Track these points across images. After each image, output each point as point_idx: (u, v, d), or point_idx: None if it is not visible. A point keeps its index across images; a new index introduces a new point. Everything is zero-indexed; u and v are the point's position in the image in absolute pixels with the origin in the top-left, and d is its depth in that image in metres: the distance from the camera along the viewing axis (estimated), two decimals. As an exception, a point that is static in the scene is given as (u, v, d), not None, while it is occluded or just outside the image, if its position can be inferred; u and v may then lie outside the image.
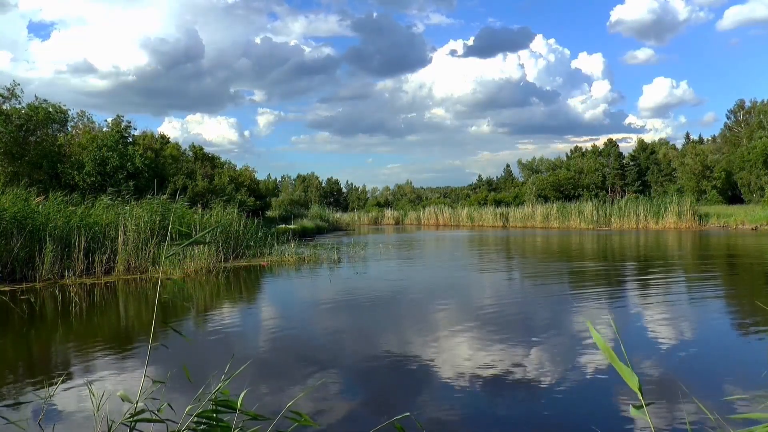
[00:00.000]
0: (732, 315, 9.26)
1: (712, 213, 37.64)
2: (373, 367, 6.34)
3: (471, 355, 6.58)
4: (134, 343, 7.82)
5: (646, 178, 65.83)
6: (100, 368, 6.31)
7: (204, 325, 8.92)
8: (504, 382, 5.61)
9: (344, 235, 37.52)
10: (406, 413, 2.18)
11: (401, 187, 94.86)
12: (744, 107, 57.24)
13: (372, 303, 10.65)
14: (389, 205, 79.04)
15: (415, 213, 60.94)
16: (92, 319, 9.63)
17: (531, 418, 4.78)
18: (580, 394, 5.31)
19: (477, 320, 8.67)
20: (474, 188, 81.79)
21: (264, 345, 7.57)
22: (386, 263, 18.26)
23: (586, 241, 27.81)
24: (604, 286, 12.35)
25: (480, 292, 12.05)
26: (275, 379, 5.78)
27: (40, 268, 13.23)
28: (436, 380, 5.75)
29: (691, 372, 5.93)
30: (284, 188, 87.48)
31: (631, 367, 1.41)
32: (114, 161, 23.75)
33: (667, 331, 7.71)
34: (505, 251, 23.16)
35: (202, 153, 38.80)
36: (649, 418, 1.42)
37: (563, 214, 42.72)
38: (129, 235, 15.00)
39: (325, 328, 8.63)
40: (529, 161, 78.48)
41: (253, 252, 19.02)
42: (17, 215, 13.59)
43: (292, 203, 69.08)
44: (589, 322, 1.61)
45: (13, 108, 22.45)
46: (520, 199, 61.00)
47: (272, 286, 14.23)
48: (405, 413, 2.20)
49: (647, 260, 17.66)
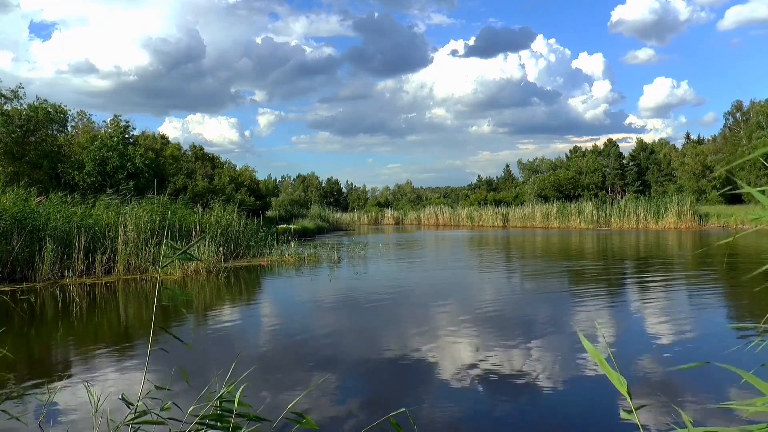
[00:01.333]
0: (732, 314, 9.26)
1: (712, 213, 37.61)
2: (373, 366, 6.34)
3: (471, 355, 6.59)
4: (134, 344, 7.83)
5: (646, 178, 65.83)
6: (101, 368, 6.32)
7: (205, 325, 8.92)
8: (503, 382, 5.62)
9: (344, 235, 37.51)
10: (402, 409, 2.18)
11: (401, 187, 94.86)
12: (742, 108, 57.18)
13: (372, 303, 10.65)
14: (389, 205, 78.97)
15: (415, 213, 60.90)
16: (92, 319, 9.63)
17: (530, 418, 4.78)
18: (579, 393, 5.32)
19: (477, 320, 8.67)
20: (474, 188, 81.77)
21: (265, 345, 7.57)
22: (386, 263, 18.26)
23: (586, 241, 27.80)
24: (604, 286, 12.35)
25: (480, 292, 12.05)
26: (277, 379, 5.78)
27: (40, 268, 13.24)
28: (436, 379, 5.75)
29: (690, 372, 5.92)
30: (284, 188, 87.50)
31: (619, 371, 1.43)
32: (114, 161, 23.76)
33: (667, 330, 7.71)
34: (504, 251, 23.15)
35: (202, 153, 38.82)
36: (638, 422, 1.44)
37: (563, 214, 42.72)
38: (129, 235, 15.01)
39: (325, 328, 8.64)
40: (529, 161, 78.51)
41: (253, 252, 19.03)
42: (18, 215, 13.61)
43: (292, 203, 69.09)
44: (581, 333, 1.62)
45: (14, 108, 22.49)
46: (520, 199, 60.99)
47: (273, 286, 14.23)
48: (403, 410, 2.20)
49: (647, 260, 17.66)
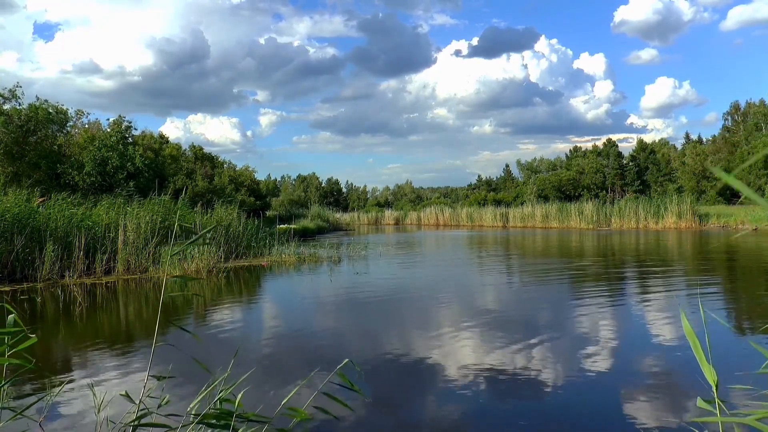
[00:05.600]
0: (733, 313, 9.26)
1: (712, 213, 37.61)
2: (374, 366, 6.34)
3: (472, 354, 6.59)
4: (135, 343, 7.82)
5: (646, 178, 65.83)
6: (101, 368, 6.31)
7: (205, 325, 8.91)
8: (504, 381, 5.61)
9: (344, 235, 37.51)
10: (346, 359, 2.20)
11: (401, 187, 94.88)
12: (739, 108, 57.15)
13: (373, 302, 10.64)
14: (389, 205, 78.96)
15: (415, 213, 60.91)
16: (93, 318, 9.63)
17: (532, 417, 4.78)
18: (580, 393, 5.31)
19: (477, 319, 8.67)
20: (473, 188, 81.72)
21: (265, 345, 7.57)
22: (386, 263, 18.26)
23: (586, 240, 27.80)
24: (604, 285, 12.35)
25: (480, 291, 12.05)
26: (277, 379, 5.78)
27: (40, 268, 13.24)
28: (438, 379, 5.75)
29: (690, 371, 5.92)
30: (284, 188, 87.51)
31: (710, 362, 1.44)
32: (114, 161, 23.75)
33: (667, 329, 7.71)
34: (504, 251, 23.15)
35: (202, 153, 38.81)
36: (719, 413, 1.43)
37: (563, 213, 42.72)
38: (129, 236, 15.01)
39: (326, 328, 8.64)
40: (528, 161, 78.50)
41: (253, 252, 19.04)
42: (18, 215, 13.61)
43: (292, 203, 69.13)
44: (683, 312, 1.63)
45: (14, 108, 22.47)
46: (520, 199, 60.97)
47: (273, 286, 14.22)
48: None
49: (647, 260, 17.66)
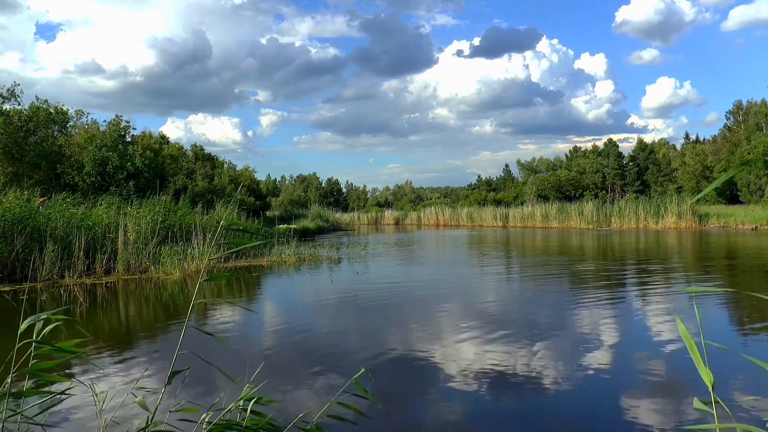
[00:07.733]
0: (733, 313, 9.27)
1: (712, 213, 37.61)
2: (374, 366, 6.33)
3: (472, 354, 6.58)
4: (135, 343, 7.82)
5: (646, 178, 65.84)
6: (103, 368, 6.30)
7: (205, 326, 8.91)
8: (505, 381, 5.61)
9: (344, 235, 37.50)
10: (363, 369, 2.19)
11: (401, 187, 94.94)
12: (742, 108, 57.18)
13: (373, 302, 10.64)
14: (389, 205, 78.99)
15: (415, 213, 60.91)
16: (93, 318, 9.62)
17: (533, 417, 4.78)
18: (581, 393, 5.31)
19: (477, 319, 8.66)
20: (473, 188, 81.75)
21: (268, 345, 7.56)
22: (387, 263, 18.25)
23: (586, 240, 27.80)
24: (604, 285, 12.34)
25: (480, 291, 12.04)
26: (285, 385, 5.78)
27: (40, 268, 13.22)
28: (439, 379, 5.74)
29: (690, 371, 5.92)
30: (284, 188, 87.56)
31: (707, 363, 1.44)
32: (114, 161, 23.73)
33: (667, 329, 7.71)
34: (504, 251, 23.15)
35: (202, 153, 38.81)
36: (716, 414, 1.43)
37: (563, 214, 42.71)
38: (129, 236, 15.00)
39: (326, 328, 8.63)
40: (528, 161, 78.53)
41: (253, 252, 19.03)
42: (19, 215, 13.60)
43: (292, 203, 69.14)
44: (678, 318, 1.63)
45: (14, 109, 22.45)
46: (520, 200, 60.96)
47: (273, 286, 14.22)
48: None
49: (647, 260, 17.65)
